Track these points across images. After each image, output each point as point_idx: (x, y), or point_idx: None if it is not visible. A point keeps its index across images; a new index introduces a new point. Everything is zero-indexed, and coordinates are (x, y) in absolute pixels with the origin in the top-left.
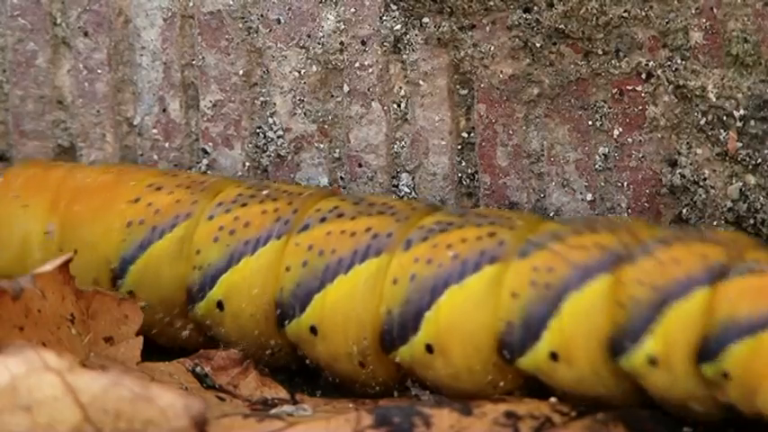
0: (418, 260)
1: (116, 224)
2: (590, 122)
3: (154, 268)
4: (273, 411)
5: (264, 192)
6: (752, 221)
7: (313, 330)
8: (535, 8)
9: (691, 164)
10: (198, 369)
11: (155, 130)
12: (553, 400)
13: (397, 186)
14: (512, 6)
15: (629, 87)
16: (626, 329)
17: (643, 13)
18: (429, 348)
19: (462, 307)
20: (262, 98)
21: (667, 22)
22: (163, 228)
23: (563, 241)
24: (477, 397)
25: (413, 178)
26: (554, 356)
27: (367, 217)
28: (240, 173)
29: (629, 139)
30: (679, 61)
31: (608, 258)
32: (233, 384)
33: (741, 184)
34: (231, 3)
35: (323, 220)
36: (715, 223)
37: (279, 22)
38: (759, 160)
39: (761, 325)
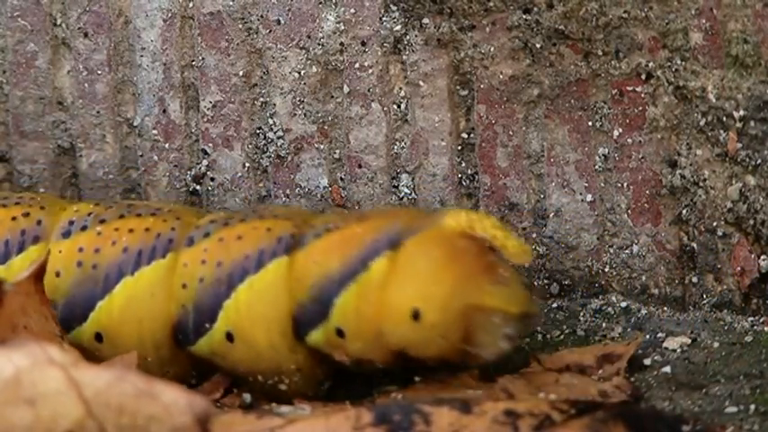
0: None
1: None
2: (590, 123)
3: None
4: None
5: None
6: (752, 222)
7: None
8: (535, 9)
9: (691, 165)
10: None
11: (155, 131)
12: (553, 397)
13: (396, 187)
14: (511, 7)
15: (629, 88)
16: (197, 309)
17: (643, 14)
18: (98, 337)
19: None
20: (262, 99)
21: (667, 23)
22: None
23: (107, 224)
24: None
25: (413, 179)
26: (98, 337)
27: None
28: (240, 174)
29: (629, 140)
30: (679, 62)
31: (161, 244)
32: (229, 405)
33: (741, 184)
34: (231, 3)
35: None
36: (715, 224)
37: (279, 22)
38: (759, 161)
39: (355, 269)
